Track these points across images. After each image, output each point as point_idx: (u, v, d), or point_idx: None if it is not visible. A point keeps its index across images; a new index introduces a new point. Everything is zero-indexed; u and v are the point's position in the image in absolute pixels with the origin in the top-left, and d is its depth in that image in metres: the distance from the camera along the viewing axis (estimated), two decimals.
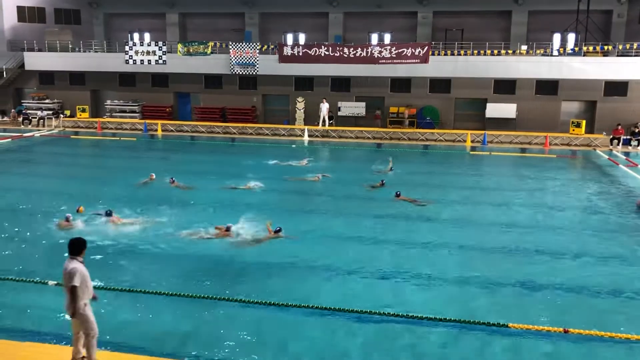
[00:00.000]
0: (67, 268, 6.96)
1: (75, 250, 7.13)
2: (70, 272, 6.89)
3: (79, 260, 7.07)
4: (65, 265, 7.02)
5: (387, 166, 21.94)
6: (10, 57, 38.23)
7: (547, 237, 13.87)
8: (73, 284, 6.86)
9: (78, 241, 7.22)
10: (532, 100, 32.24)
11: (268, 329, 8.81)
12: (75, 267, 6.94)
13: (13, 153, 25.97)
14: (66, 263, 7.05)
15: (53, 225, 14.03)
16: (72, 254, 7.12)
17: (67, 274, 6.92)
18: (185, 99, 37.56)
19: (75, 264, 6.99)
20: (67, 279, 6.92)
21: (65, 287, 6.99)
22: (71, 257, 7.10)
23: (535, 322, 8.98)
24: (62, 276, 7.06)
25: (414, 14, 37.55)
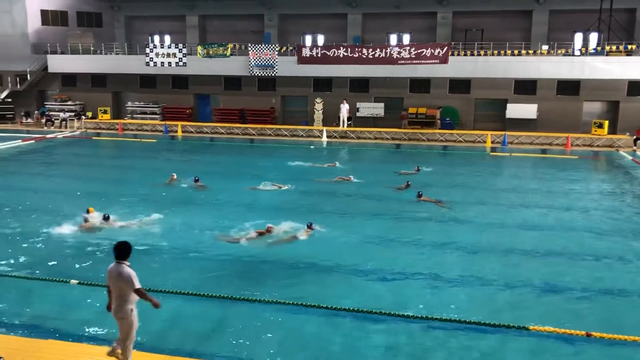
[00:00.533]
0: (123, 273, 6.85)
1: (122, 254, 7.01)
2: (128, 277, 6.81)
3: (126, 265, 6.96)
4: (115, 271, 6.91)
5: (413, 168, 21.79)
6: (34, 59, 38.86)
7: (570, 238, 13.69)
8: (137, 286, 6.81)
9: (124, 245, 7.09)
10: (553, 101, 31.86)
11: (295, 330, 8.83)
12: (129, 271, 6.86)
13: (36, 154, 26.38)
14: (115, 268, 6.94)
15: (76, 225, 14.22)
16: (119, 258, 6.99)
17: (124, 280, 6.83)
18: (205, 101, 37.84)
19: (126, 268, 6.89)
20: (123, 284, 6.84)
21: (116, 292, 6.92)
22: (118, 261, 6.98)
23: (557, 325, 8.87)
24: (109, 280, 6.99)
25: (433, 15, 37.34)
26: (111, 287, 6.97)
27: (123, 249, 7.01)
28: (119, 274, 6.86)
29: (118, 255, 6.99)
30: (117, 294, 6.92)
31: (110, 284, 6.98)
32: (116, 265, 6.95)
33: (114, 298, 6.97)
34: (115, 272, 6.90)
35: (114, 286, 6.92)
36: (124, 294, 6.88)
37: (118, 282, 6.87)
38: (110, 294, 7.01)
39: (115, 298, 6.96)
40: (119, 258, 6.98)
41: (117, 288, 6.91)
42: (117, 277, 6.87)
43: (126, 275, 6.80)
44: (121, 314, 6.94)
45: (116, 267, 6.93)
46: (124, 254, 6.99)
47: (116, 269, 6.91)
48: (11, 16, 39.09)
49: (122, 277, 6.81)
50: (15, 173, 21.77)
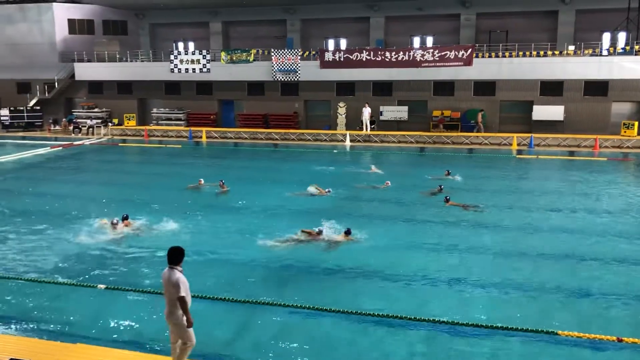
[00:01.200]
0: (171, 278, 6.87)
1: (175, 259, 7.00)
2: (175, 283, 6.81)
3: (178, 270, 6.96)
4: (166, 275, 6.96)
5: (444, 172, 21.46)
6: (62, 68, 39.63)
7: (600, 242, 13.40)
8: (180, 294, 6.80)
9: (177, 250, 7.07)
10: (581, 102, 31.34)
11: (324, 335, 8.80)
12: (179, 277, 6.85)
13: (64, 160, 26.82)
14: (167, 273, 6.96)
15: (104, 230, 14.40)
16: (172, 263, 6.98)
17: (172, 285, 6.84)
18: (228, 106, 38.11)
19: (177, 274, 6.88)
20: (172, 290, 6.85)
21: (167, 296, 6.95)
22: (170, 266, 6.98)
23: (587, 330, 8.67)
24: (162, 285, 7.02)
25: (456, 16, 37.06)
26: (165, 291, 7.01)
27: (174, 253, 7.01)
28: (169, 279, 6.89)
29: (170, 260, 7.00)
30: (169, 299, 6.95)
31: (164, 288, 7.03)
32: (168, 270, 6.98)
33: (166, 303, 7.00)
34: (166, 277, 6.94)
35: (166, 291, 6.96)
36: (174, 299, 6.89)
37: (168, 287, 6.90)
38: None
39: (167, 302, 6.99)
40: (171, 263, 6.99)
41: (168, 293, 6.94)
42: (167, 282, 6.91)
43: (174, 281, 6.82)
44: (173, 318, 6.97)
45: (168, 271, 6.96)
46: (175, 258, 6.99)
47: (168, 274, 6.94)
48: (40, 26, 39.95)
49: (171, 282, 6.85)
50: (43, 179, 22.15)
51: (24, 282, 10.93)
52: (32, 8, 39.91)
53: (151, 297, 10.14)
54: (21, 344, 7.28)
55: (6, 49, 40.73)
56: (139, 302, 10.01)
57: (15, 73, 40.91)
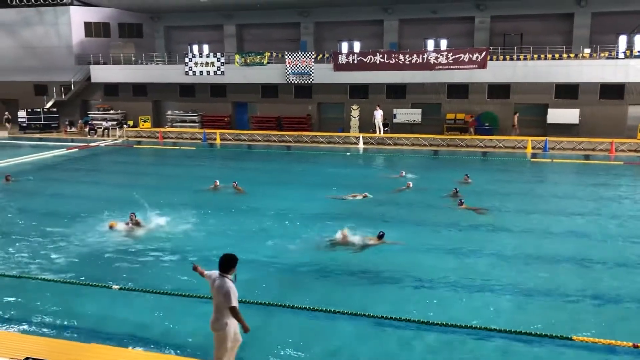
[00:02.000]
0: (222, 288, 6.75)
1: (226, 267, 6.86)
2: (226, 292, 6.70)
3: (229, 278, 6.83)
4: (217, 283, 6.85)
5: (464, 177, 21.20)
6: (78, 70, 40.07)
7: (616, 247, 13.27)
8: (232, 304, 6.69)
9: (229, 258, 6.90)
10: (596, 105, 31.09)
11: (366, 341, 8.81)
12: (230, 287, 6.73)
13: (80, 162, 27.08)
14: (217, 280, 6.85)
15: (119, 231, 14.53)
16: (222, 270, 6.86)
17: (223, 294, 6.73)
18: (242, 109, 38.29)
19: (229, 283, 6.77)
20: (221, 299, 6.75)
21: (215, 304, 6.88)
22: (221, 274, 6.86)
23: (602, 335, 8.60)
24: (211, 291, 6.96)
25: (471, 19, 36.92)
26: (213, 298, 6.93)
27: (226, 261, 6.88)
28: (219, 287, 6.77)
29: (221, 267, 6.87)
30: (216, 306, 6.87)
31: (212, 293, 6.95)
32: (219, 277, 6.86)
33: (213, 310, 6.92)
34: (217, 285, 6.82)
35: (214, 298, 6.87)
36: (222, 308, 6.80)
37: (218, 295, 6.80)
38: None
39: (214, 310, 6.92)
40: (222, 270, 6.86)
41: (216, 300, 6.85)
42: (217, 290, 6.79)
43: (225, 290, 6.71)
44: (217, 326, 6.89)
45: (219, 279, 6.84)
46: (227, 266, 6.86)
47: (218, 282, 6.83)
48: (57, 29, 40.44)
49: (221, 291, 6.73)
50: (60, 180, 22.39)
51: (40, 282, 11.06)
52: (49, 11, 40.41)
53: (165, 298, 10.22)
54: (37, 343, 7.36)
55: (24, 52, 41.28)
56: (153, 303, 10.08)
57: (32, 75, 41.45)
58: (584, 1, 33.92)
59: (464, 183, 20.29)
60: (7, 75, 42.08)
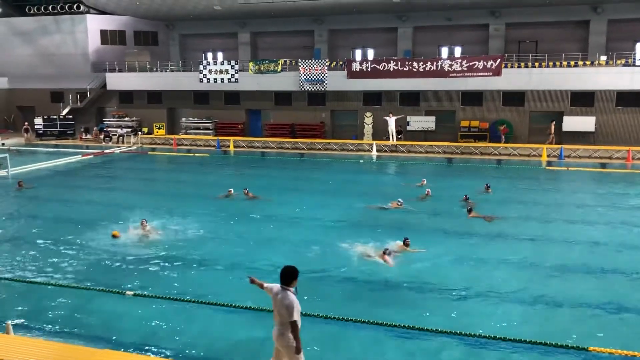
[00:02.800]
0: (285, 300, 6.62)
1: (288, 279, 6.72)
2: (289, 305, 6.57)
3: (291, 291, 6.70)
4: (279, 296, 6.72)
5: (484, 187, 20.87)
6: (94, 77, 40.48)
7: (633, 257, 13.07)
8: (293, 319, 6.56)
9: (291, 270, 6.77)
10: (613, 113, 30.76)
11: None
12: (292, 300, 6.60)
13: (95, 168, 27.28)
14: (280, 293, 6.73)
15: (134, 237, 14.58)
16: (284, 283, 6.73)
17: (285, 307, 6.60)
18: (256, 116, 38.41)
19: (291, 296, 6.64)
20: (284, 312, 6.63)
21: (278, 318, 6.76)
22: (283, 287, 6.73)
23: (618, 346, 8.43)
24: (273, 303, 6.82)
25: (485, 27, 36.77)
26: (274, 312, 6.83)
27: (288, 273, 6.74)
28: (282, 300, 6.65)
29: (283, 280, 6.74)
30: (280, 320, 6.74)
31: (273, 308, 6.85)
32: (281, 290, 6.73)
33: (276, 323, 6.81)
34: (279, 297, 6.70)
35: (277, 312, 6.75)
36: (285, 321, 6.67)
37: (280, 308, 6.67)
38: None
39: (277, 323, 6.79)
40: (284, 283, 6.73)
41: (279, 314, 6.72)
42: (280, 303, 6.67)
43: (287, 303, 6.59)
44: (283, 341, 6.73)
45: (281, 292, 6.72)
46: (289, 279, 6.73)
47: (281, 295, 6.70)
48: (73, 37, 40.89)
49: (284, 304, 6.61)
50: (75, 187, 22.55)
51: (52, 287, 11.12)
52: (66, 19, 40.91)
53: (177, 305, 10.22)
54: (50, 348, 7.37)
55: (41, 59, 41.80)
56: (167, 310, 10.08)
57: (49, 83, 41.96)
58: (600, 8, 33.63)
59: (484, 192, 20.10)
60: (25, 83, 42.66)
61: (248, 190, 19.47)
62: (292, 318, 6.54)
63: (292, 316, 6.54)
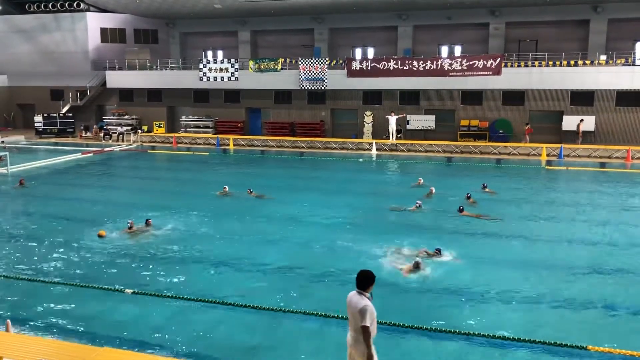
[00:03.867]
0: (358, 305, 6.41)
1: (365, 284, 6.52)
2: (362, 310, 6.34)
3: (367, 296, 6.51)
4: (354, 300, 6.51)
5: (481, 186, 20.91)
6: (94, 75, 40.48)
7: (631, 256, 13.10)
8: (365, 323, 6.33)
9: (367, 275, 6.56)
10: (613, 112, 30.79)
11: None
12: (367, 304, 6.38)
13: (95, 166, 27.29)
14: (354, 298, 6.53)
15: (133, 235, 14.61)
16: (360, 288, 6.53)
17: (359, 312, 6.37)
18: (256, 114, 38.42)
19: (366, 301, 6.43)
20: (358, 316, 6.40)
21: (353, 323, 6.52)
22: (359, 291, 6.54)
23: (617, 345, 8.47)
24: (348, 309, 6.61)
25: (485, 26, 36.77)
26: (349, 317, 6.64)
27: (365, 278, 6.54)
28: (356, 305, 6.46)
29: (359, 284, 6.55)
30: (355, 327, 6.51)
31: (348, 314, 6.66)
32: (357, 294, 6.55)
33: (351, 329, 6.62)
34: (354, 302, 6.51)
35: (352, 317, 6.55)
36: (360, 327, 6.42)
37: (355, 313, 6.46)
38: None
39: (352, 329, 6.58)
40: (360, 287, 6.54)
41: (354, 320, 6.50)
42: (354, 308, 6.48)
43: (361, 307, 6.37)
44: (359, 348, 6.49)
45: (356, 296, 6.53)
46: (365, 283, 6.53)
47: (356, 300, 6.50)
48: (73, 34, 40.90)
49: (358, 308, 6.40)
50: (75, 185, 22.56)
51: (52, 285, 11.14)
52: (66, 17, 40.90)
53: (177, 303, 10.25)
54: (51, 346, 7.40)
55: (41, 57, 41.80)
56: (166, 308, 10.10)
57: (49, 80, 41.97)
58: (600, 7, 33.64)
59: (482, 191, 20.11)
60: (25, 80, 42.67)
61: (252, 190, 19.57)
62: (363, 323, 6.34)
63: (365, 321, 6.33)
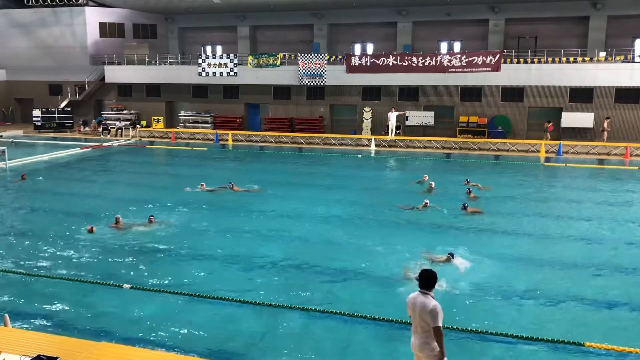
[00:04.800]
0: (427, 306, 6.19)
1: (429, 283, 6.33)
2: (433, 310, 6.15)
3: (432, 296, 6.31)
4: (420, 301, 6.30)
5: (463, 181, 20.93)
6: (92, 70, 40.38)
7: (629, 253, 13.13)
8: (438, 324, 6.16)
9: (432, 274, 6.37)
10: (611, 109, 30.78)
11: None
12: (436, 304, 6.20)
13: (93, 161, 27.27)
14: (420, 298, 6.32)
15: (130, 230, 14.62)
16: (425, 288, 6.34)
17: (429, 313, 6.16)
18: (255, 110, 38.37)
19: (433, 300, 6.24)
20: (427, 318, 6.20)
21: (420, 326, 6.29)
22: (423, 291, 6.34)
23: (614, 342, 8.49)
24: (411, 312, 6.40)
25: (485, 22, 36.72)
26: (413, 319, 6.43)
27: (429, 277, 6.35)
28: (423, 306, 6.23)
29: (424, 285, 6.36)
30: (422, 329, 6.29)
31: (411, 315, 6.45)
32: (421, 295, 6.34)
33: (417, 332, 6.38)
34: (419, 303, 6.29)
35: (418, 319, 6.31)
36: (429, 329, 6.24)
37: (423, 315, 6.23)
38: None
39: (418, 333, 6.35)
40: (425, 287, 6.35)
41: (421, 322, 6.28)
42: (421, 310, 6.25)
43: (432, 308, 6.17)
44: (427, 351, 6.29)
45: (422, 297, 6.32)
46: (429, 283, 6.34)
47: (421, 300, 6.29)
48: (72, 29, 40.79)
49: (427, 309, 6.18)
50: (73, 179, 22.55)
51: (51, 280, 11.14)
52: (65, 12, 40.78)
53: (175, 298, 10.26)
54: (49, 340, 7.40)
55: (39, 52, 41.69)
56: (165, 303, 10.11)
57: (47, 75, 41.85)
58: (599, 4, 33.60)
59: (469, 185, 20.16)
60: (23, 75, 42.55)
61: (233, 184, 19.61)
62: (436, 324, 6.16)
63: (437, 321, 6.16)
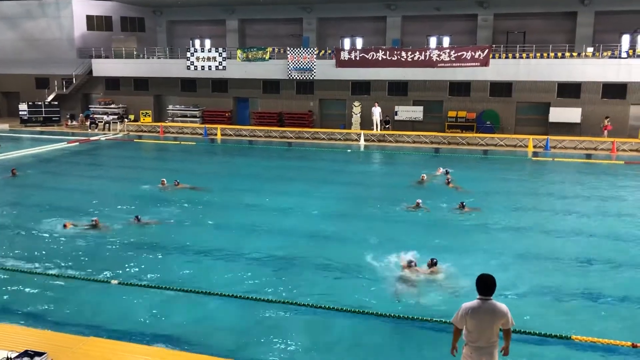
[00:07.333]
0: (496, 310, 5.95)
1: (492, 289, 6.00)
2: (505, 313, 5.94)
3: (492, 300, 6.04)
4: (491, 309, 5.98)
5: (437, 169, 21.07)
6: (80, 64, 40.04)
7: (615, 246, 13.27)
8: (513, 323, 6.10)
9: (493, 279, 6.04)
10: (598, 105, 31.03)
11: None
12: (503, 305, 6.00)
13: (80, 156, 27.07)
14: (490, 306, 5.98)
15: (118, 225, 14.56)
16: (488, 294, 6.01)
17: (500, 318, 5.94)
18: (244, 104, 38.24)
19: (499, 303, 6.02)
20: (500, 321, 5.97)
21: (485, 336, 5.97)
22: (483, 298, 6.03)
23: (601, 335, 8.59)
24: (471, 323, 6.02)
25: (474, 17, 36.84)
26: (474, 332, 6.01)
27: (494, 282, 6.01)
28: (493, 313, 5.95)
29: (487, 291, 6.01)
30: (486, 339, 5.97)
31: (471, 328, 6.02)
32: (483, 303, 6.00)
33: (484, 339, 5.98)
34: (484, 312, 5.95)
35: (482, 329, 5.95)
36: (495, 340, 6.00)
37: (493, 322, 5.95)
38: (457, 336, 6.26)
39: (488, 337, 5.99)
40: (488, 294, 6.01)
41: (495, 327, 5.97)
42: (491, 317, 5.94)
43: (504, 311, 5.95)
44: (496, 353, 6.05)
45: (491, 304, 5.99)
46: (493, 288, 6.00)
47: (486, 307, 5.97)
48: (59, 22, 40.40)
49: (498, 314, 5.94)
50: (60, 174, 22.39)
51: (39, 276, 11.08)
52: (51, 4, 40.36)
53: (162, 293, 10.25)
54: (36, 335, 7.37)
55: (26, 44, 41.26)
56: (152, 298, 10.10)
57: (33, 68, 41.44)
58: (587, 0, 33.80)
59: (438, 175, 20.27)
60: (9, 68, 42.08)
61: (179, 181, 19.17)
62: (513, 323, 6.06)
63: (512, 321, 6.03)
